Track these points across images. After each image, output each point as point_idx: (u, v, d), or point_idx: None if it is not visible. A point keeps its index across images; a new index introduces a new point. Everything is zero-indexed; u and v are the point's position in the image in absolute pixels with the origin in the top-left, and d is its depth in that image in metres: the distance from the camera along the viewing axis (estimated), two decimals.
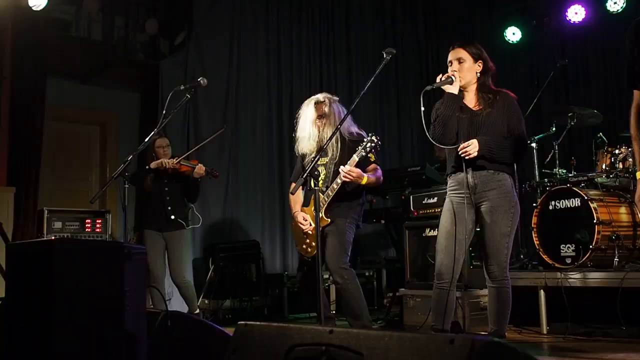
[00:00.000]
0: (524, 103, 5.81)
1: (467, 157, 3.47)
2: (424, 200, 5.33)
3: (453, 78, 3.58)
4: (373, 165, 4.18)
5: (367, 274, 6.61)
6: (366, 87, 3.48)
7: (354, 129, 4.20)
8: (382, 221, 6.19)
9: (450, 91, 3.58)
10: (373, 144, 3.96)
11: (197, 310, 5.37)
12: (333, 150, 4.12)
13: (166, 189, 5.18)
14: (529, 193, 5.70)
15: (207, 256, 6.22)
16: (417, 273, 5.15)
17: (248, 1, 6.85)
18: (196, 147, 5.44)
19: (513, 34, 7.68)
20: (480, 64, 3.64)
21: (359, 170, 3.98)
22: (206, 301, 5.96)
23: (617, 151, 5.09)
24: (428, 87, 3.52)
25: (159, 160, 5.13)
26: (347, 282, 4.04)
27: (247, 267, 6.16)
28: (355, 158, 3.97)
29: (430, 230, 5.14)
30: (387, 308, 5.81)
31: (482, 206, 3.53)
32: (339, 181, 3.99)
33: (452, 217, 3.56)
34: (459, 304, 4.73)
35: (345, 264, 4.07)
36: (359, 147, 3.96)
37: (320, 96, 4.25)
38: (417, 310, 5.07)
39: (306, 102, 4.29)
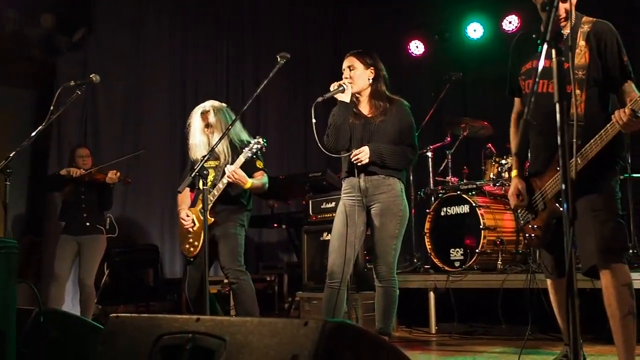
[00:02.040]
0: (425, 113, 6.10)
1: (358, 163, 3.60)
2: (322, 205, 5.44)
3: (345, 86, 3.69)
4: (260, 172, 4.22)
5: (268, 278, 6.63)
6: (258, 91, 3.54)
7: (244, 136, 4.22)
8: (284, 226, 6.24)
9: (342, 99, 3.69)
10: (259, 146, 4.01)
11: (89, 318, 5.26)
12: (225, 156, 4.14)
13: (82, 196, 5.26)
14: (424, 199, 5.92)
15: (102, 260, 6.06)
16: (314, 276, 5.24)
17: None
18: (114, 161, 5.43)
19: (417, 47, 7.96)
20: (372, 71, 3.75)
21: (243, 173, 4.00)
22: (100, 306, 5.81)
23: (503, 161, 5.40)
24: (319, 99, 3.62)
25: (68, 169, 5.24)
26: (243, 282, 4.08)
27: (144, 272, 6.06)
28: (241, 159, 4.00)
29: (327, 234, 5.25)
30: (287, 312, 5.88)
31: (373, 209, 3.66)
32: (224, 181, 4.01)
33: (345, 219, 3.68)
34: (353, 305, 4.86)
35: (242, 265, 4.11)
36: (245, 149, 4.01)
37: (207, 105, 4.24)
38: (314, 312, 5.16)
39: (194, 110, 4.28)
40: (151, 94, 6.68)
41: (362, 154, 3.58)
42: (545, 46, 1.97)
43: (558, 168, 2.68)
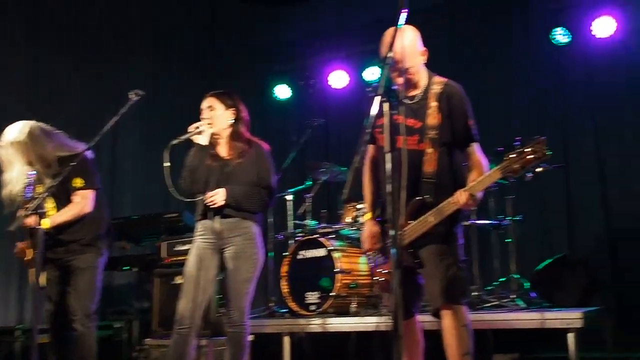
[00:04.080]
0: (288, 157, 6.16)
1: (212, 206, 3.54)
2: (176, 247, 5.27)
3: (203, 128, 3.63)
4: (80, 193, 3.89)
5: (115, 325, 6.22)
6: (108, 126, 3.42)
7: (55, 148, 3.94)
8: (135, 269, 5.98)
9: (199, 142, 3.63)
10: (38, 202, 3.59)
11: None
12: (48, 177, 3.85)
13: None
14: (282, 243, 5.93)
15: None
16: (164, 322, 5.01)
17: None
18: None
19: (282, 92, 8.08)
20: (233, 112, 3.72)
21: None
22: None
23: (360, 206, 5.52)
24: (174, 141, 3.56)
25: None
26: (89, 330, 3.89)
27: None
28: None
29: (180, 278, 5.07)
30: None
31: (227, 252, 3.60)
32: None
33: (197, 262, 3.60)
34: (203, 353, 4.70)
35: (94, 311, 3.93)
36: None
37: (4, 140, 3.93)
38: None
39: None
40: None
41: (217, 196, 3.53)
42: (378, 100, 2.08)
43: (409, 221, 2.92)
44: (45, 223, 3.59)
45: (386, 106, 2.14)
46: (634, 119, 5.99)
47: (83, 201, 3.90)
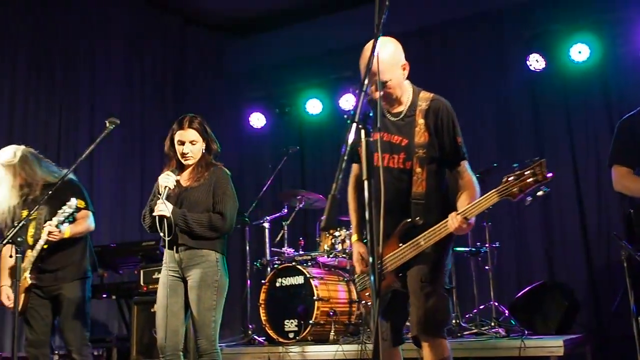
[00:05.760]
0: (264, 185, 6.17)
1: (158, 214, 3.43)
2: (154, 274, 5.21)
3: (172, 183, 3.54)
4: (83, 213, 4.02)
5: (95, 353, 6.15)
6: (85, 153, 3.41)
7: (43, 174, 4.06)
8: (114, 297, 5.91)
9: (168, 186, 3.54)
10: (71, 211, 3.78)
11: None
12: (30, 202, 3.96)
13: None
14: (260, 270, 5.92)
15: None
16: (143, 350, 4.96)
17: None
18: None
19: (257, 120, 8.09)
20: (204, 142, 3.69)
21: (62, 227, 3.83)
22: None
23: (337, 233, 5.55)
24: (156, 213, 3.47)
25: None
26: (87, 359, 4.00)
27: None
28: (54, 223, 3.79)
29: None
30: None
31: (189, 281, 3.56)
32: (42, 242, 3.82)
33: (166, 290, 3.58)
34: None
35: (88, 338, 4.03)
36: (59, 211, 3.77)
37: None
38: None
39: None
40: None
41: (162, 207, 3.44)
42: (354, 127, 2.04)
43: (400, 244, 2.82)
44: (67, 231, 3.82)
45: (363, 133, 2.08)
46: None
47: (89, 219, 4.08)
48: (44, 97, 6.68)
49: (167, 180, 3.53)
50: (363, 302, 3.15)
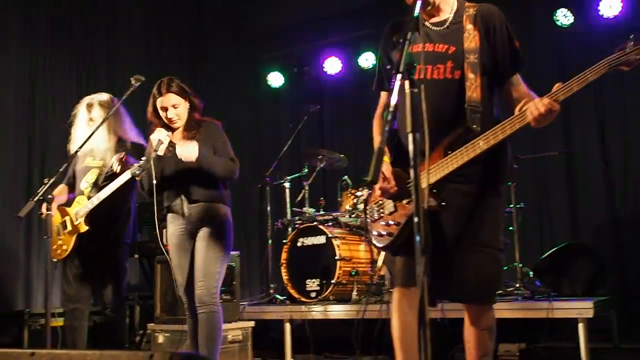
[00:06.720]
0: (283, 144, 6.11)
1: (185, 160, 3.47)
2: None
3: (165, 141, 3.52)
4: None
5: None
6: (110, 113, 3.36)
7: (133, 135, 4.17)
8: (136, 256, 5.94)
9: (159, 154, 3.52)
10: (140, 171, 3.69)
11: None
12: (107, 159, 4.04)
13: None
14: (281, 230, 5.91)
15: None
16: (166, 308, 4.99)
17: None
18: None
19: (276, 79, 8.00)
20: (187, 102, 3.67)
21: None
22: None
23: (359, 193, 5.50)
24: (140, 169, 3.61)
25: None
26: (120, 315, 4.18)
27: None
28: (128, 174, 3.79)
29: None
30: (138, 345, 5.59)
31: (199, 232, 3.59)
32: (112, 186, 3.90)
33: (177, 250, 3.66)
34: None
35: (124, 296, 4.19)
36: (135, 165, 3.73)
37: (96, 98, 4.14)
38: (167, 345, 4.91)
39: (82, 101, 4.20)
40: None
41: (187, 151, 3.44)
42: (398, 77, 1.89)
43: (449, 151, 2.41)
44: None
45: (407, 85, 1.93)
46: (638, 104, 5.94)
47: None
48: (63, 57, 6.64)
49: (160, 134, 3.53)
50: (375, 233, 2.68)
